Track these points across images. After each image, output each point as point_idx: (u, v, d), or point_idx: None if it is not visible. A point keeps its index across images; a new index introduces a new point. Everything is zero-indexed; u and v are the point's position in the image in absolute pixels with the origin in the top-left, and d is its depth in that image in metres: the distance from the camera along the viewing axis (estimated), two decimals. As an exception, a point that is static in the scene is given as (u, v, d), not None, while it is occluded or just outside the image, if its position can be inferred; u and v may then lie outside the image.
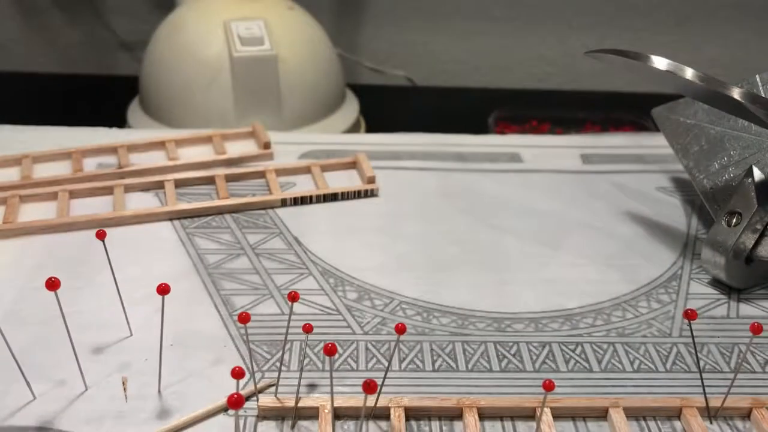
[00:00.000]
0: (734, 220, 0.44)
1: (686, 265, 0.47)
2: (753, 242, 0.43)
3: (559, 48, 0.93)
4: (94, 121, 0.61)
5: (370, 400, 0.34)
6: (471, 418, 0.35)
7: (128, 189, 0.51)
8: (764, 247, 0.43)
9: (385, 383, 0.35)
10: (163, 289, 0.34)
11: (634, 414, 0.36)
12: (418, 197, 0.53)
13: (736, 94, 0.40)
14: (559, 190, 0.55)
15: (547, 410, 0.35)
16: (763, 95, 0.47)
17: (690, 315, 0.35)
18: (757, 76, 0.48)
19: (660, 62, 0.41)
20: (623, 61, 0.43)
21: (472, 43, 0.92)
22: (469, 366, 0.39)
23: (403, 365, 0.38)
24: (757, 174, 0.44)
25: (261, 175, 0.54)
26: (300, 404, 0.35)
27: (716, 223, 0.45)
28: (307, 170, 0.55)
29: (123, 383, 0.36)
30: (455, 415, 0.35)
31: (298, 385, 0.35)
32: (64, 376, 0.36)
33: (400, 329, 0.32)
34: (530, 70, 0.94)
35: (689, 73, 0.41)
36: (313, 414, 0.35)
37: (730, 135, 0.48)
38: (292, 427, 0.35)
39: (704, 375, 0.38)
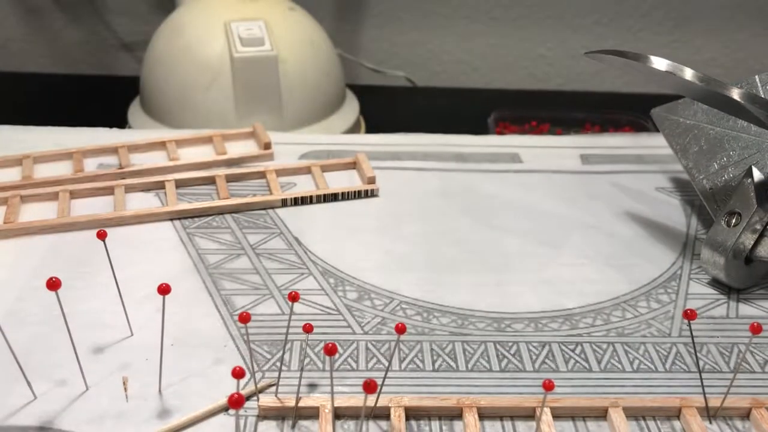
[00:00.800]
0: (734, 221, 0.44)
1: (686, 265, 0.47)
2: (752, 242, 0.44)
3: (559, 48, 0.93)
4: (94, 122, 0.61)
5: (371, 400, 0.35)
6: (471, 417, 0.35)
7: (129, 189, 0.52)
8: (763, 247, 0.44)
9: (385, 383, 0.35)
10: (164, 289, 0.34)
11: (633, 414, 0.36)
12: (418, 197, 0.53)
13: (735, 94, 0.40)
14: (559, 190, 0.55)
15: (546, 410, 0.35)
16: (762, 96, 0.47)
17: (689, 315, 0.35)
18: (756, 76, 0.48)
19: (659, 63, 0.41)
20: (623, 62, 0.43)
21: (472, 43, 0.92)
22: (469, 366, 0.39)
23: (403, 365, 0.39)
24: (757, 174, 0.44)
25: (261, 175, 0.54)
26: (300, 404, 0.35)
27: (716, 224, 0.45)
28: (307, 170, 0.55)
29: (124, 383, 0.36)
30: (455, 414, 0.36)
31: (299, 385, 0.35)
32: (64, 376, 0.36)
33: (400, 329, 0.32)
34: (530, 70, 0.94)
35: (689, 73, 0.41)
36: (313, 414, 0.35)
37: (730, 135, 0.48)
38: (293, 426, 0.35)
39: (704, 375, 0.38)
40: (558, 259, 0.47)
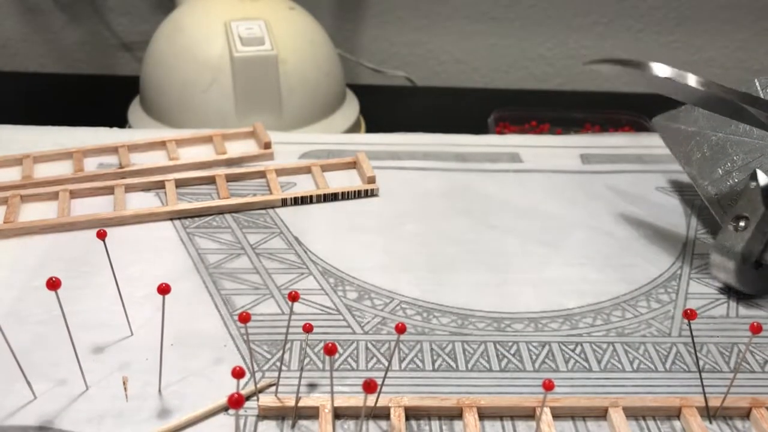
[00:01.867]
0: (741, 224, 0.43)
1: (686, 264, 0.47)
2: (762, 246, 0.43)
3: (558, 48, 0.93)
4: (94, 121, 0.61)
5: (370, 400, 0.35)
6: (471, 417, 0.35)
7: (129, 189, 0.52)
8: None
9: (385, 383, 0.35)
10: (164, 289, 0.34)
11: (633, 414, 0.36)
12: (418, 197, 0.53)
13: (736, 97, 0.40)
14: (559, 190, 0.55)
15: (546, 410, 0.35)
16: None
17: (689, 315, 0.35)
18: (755, 80, 0.48)
19: (660, 70, 0.40)
20: (623, 69, 0.42)
21: (472, 43, 0.92)
22: (469, 366, 0.39)
23: (403, 365, 0.39)
24: (762, 177, 0.44)
25: (261, 174, 0.54)
26: (300, 404, 0.35)
27: (723, 228, 0.44)
28: (307, 170, 0.55)
29: (123, 383, 0.36)
30: (455, 414, 0.36)
31: (299, 385, 0.35)
32: (64, 376, 0.36)
33: (400, 329, 0.32)
34: (530, 70, 0.94)
35: (690, 79, 0.40)
36: (313, 413, 0.35)
37: (732, 140, 0.48)
38: (293, 426, 0.35)
39: (704, 375, 0.38)
40: (558, 259, 0.47)
